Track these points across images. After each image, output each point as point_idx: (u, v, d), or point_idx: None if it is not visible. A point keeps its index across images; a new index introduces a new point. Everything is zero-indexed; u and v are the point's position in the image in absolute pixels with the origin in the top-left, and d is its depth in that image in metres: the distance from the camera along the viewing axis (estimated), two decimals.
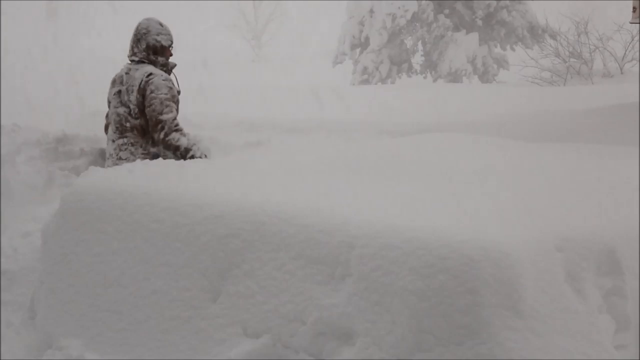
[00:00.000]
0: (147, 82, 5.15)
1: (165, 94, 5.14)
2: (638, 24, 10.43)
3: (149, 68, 5.25)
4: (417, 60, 21.41)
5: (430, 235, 2.61)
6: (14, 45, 23.13)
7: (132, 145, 5.21)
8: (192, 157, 5.04)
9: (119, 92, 5.31)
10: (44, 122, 6.86)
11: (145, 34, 5.32)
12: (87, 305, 3.46)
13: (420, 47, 21.22)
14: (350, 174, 3.60)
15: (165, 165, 4.04)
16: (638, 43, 18.46)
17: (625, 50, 18.88)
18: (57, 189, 5.02)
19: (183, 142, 5.09)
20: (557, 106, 8.61)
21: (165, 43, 5.35)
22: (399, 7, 19.88)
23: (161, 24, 5.39)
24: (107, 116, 5.52)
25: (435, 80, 20.59)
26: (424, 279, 2.54)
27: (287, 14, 36.77)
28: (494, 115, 8.02)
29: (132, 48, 5.36)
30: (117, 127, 5.27)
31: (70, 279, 3.56)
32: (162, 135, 5.10)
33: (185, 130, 5.24)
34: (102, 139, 5.79)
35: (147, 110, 5.15)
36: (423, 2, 20.08)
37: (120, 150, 5.21)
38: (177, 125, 5.14)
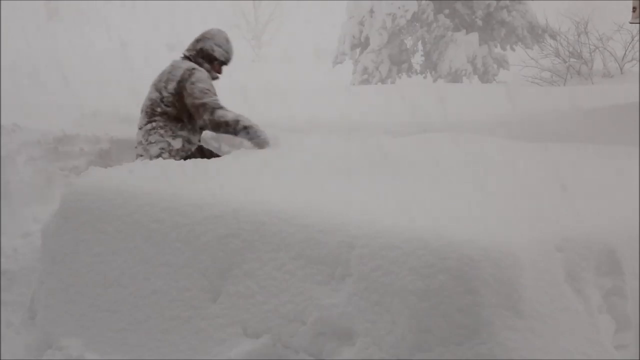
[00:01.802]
0: (190, 74, 5.14)
1: (207, 86, 5.12)
2: (638, 24, 10.43)
3: (194, 65, 5.26)
4: (417, 60, 21.35)
5: (430, 235, 2.61)
6: (14, 46, 23.11)
7: (162, 128, 5.17)
8: (245, 127, 4.94)
9: (157, 81, 5.29)
10: (44, 122, 6.85)
11: (208, 38, 5.39)
12: (87, 305, 3.46)
13: (420, 47, 21.17)
14: (350, 174, 3.60)
15: (165, 165, 4.04)
16: (638, 43, 18.43)
17: (625, 50, 18.85)
18: (57, 189, 5.03)
19: (230, 115, 5.00)
20: (557, 106, 8.57)
21: (217, 55, 5.37)
22: (399, 7, 19.84)
23: (227, 40, 5.44)
24: None
25: (435, 80, 20.55)
26: (424, 279, 2.54)
27: (287, 14, 36.75)
28: (494, 115, 7.99)
29: (191, 44, 5.42)
30: (146, 112, 5.24)
31: (70, 279, 3.56)
32: (207, 116, 5.00)
33: None
34: (102, 139, 5.79)
35: (187, 100, 5.09)
36: (423, 2, 20.05)
37: (149, 134, 5.17)
38: (219, 104, 5.06)
